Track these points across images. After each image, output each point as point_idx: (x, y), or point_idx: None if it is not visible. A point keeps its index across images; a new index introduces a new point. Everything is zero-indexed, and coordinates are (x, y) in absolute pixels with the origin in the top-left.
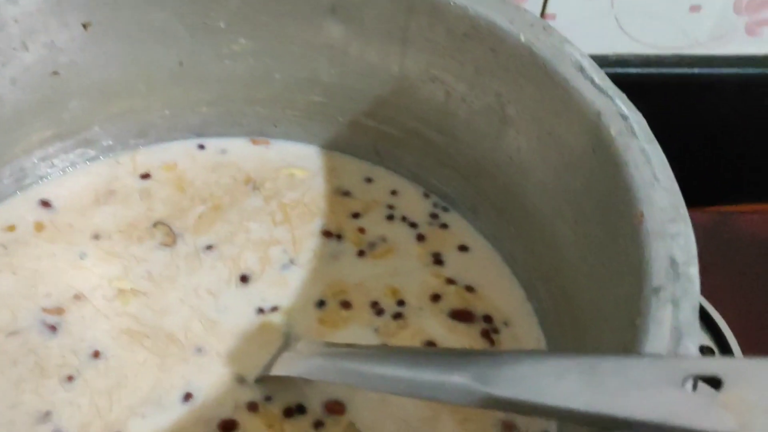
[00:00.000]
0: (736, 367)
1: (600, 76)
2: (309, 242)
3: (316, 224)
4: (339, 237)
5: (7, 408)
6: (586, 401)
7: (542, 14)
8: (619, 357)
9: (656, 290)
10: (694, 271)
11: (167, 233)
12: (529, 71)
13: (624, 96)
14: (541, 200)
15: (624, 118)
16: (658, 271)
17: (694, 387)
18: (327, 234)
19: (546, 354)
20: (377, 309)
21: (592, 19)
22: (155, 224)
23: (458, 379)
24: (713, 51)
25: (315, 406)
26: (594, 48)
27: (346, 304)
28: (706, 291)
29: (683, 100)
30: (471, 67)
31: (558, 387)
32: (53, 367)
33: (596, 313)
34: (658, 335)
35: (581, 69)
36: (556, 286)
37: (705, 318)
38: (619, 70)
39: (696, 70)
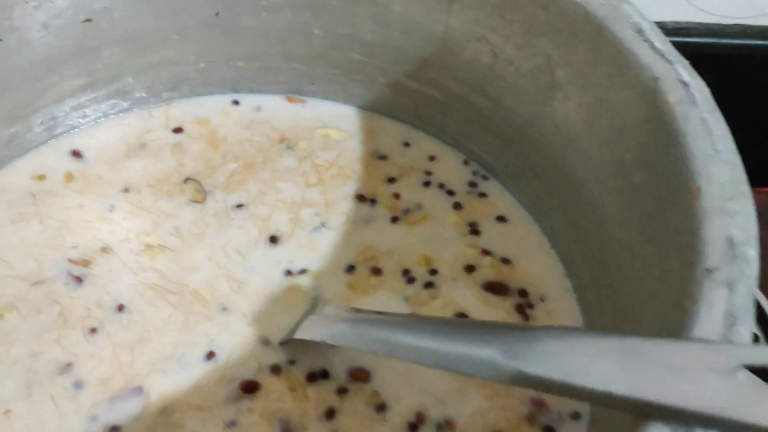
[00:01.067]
0: None
1: (660, 40)
2: (341, 205)
3: (350, 187)
4: (373, 201)
5: (28, 357)
6: (626, 385)
7: None
8: (664, 340)
9: (710, 271)
10: (753, 253)
11: (197, 189)
12: (582, 32)
13: (686, 62)
14: (588, 171)
15: (684, 85)
16: (714, 251)
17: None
18: (360, 198)
19: (583, 332)
20: (408, 277)
21: None
22: (186, 180)
23: (487, 352)
24: None
25: (339, 373)
26: (651, 15)
27: (376, 270)
28: None
29: (745, 74)
30: (520, 26)
31: (595, 368)
32: (77, 318)
33: (639, 293)
34: (709, 320)
35: (640, 31)
36: (597, 261)
37: None
38: (677, 38)
39: (760, 42)
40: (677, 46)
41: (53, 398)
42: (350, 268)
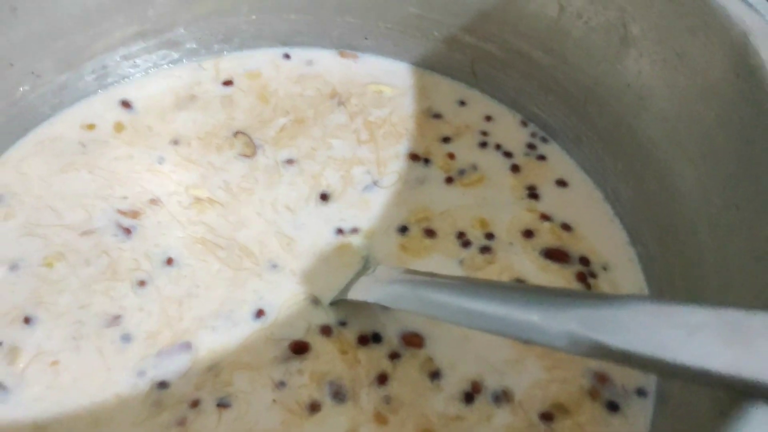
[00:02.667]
0: None
1: None
2: (394, 164)
3: (403, 146)
4: (426, 161)
5: (77, 308)
6: (729, 362)
7: None
8: None
9: None
10: None
11: (247, 143)
12: None
13: None
14: (660, 133)
15: None
16: None
17: None
18: (414, 157)
19: (674, 303)
20: (464, 240)
21: None
22: (235, 134)
23: (562, 322)
24: None
25: (391, 337)
26: None
27: (430, 232)
28: None
29: None
30: None
31: (690, 343)
32: (125, 270)
33: (721, 264)
34: None
35: None
36: (668, 230)
37: None
38: None
39: None
40: None
41: (101, 351)
42: (403, 229)
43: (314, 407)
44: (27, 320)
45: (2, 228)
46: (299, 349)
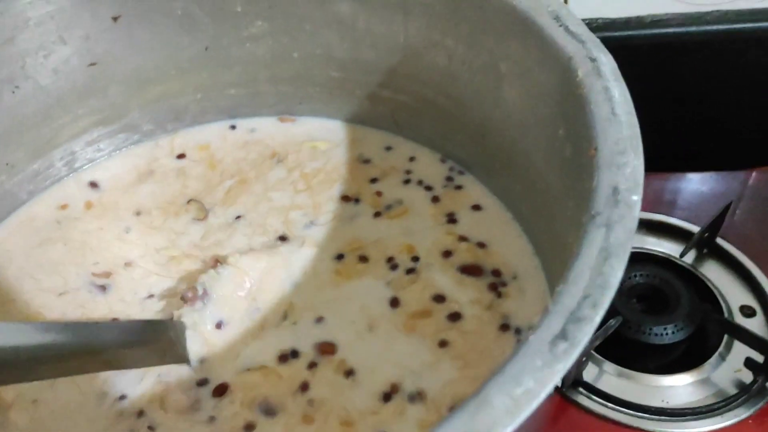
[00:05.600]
0: None
1: (575, 23)
2: (328, 206)
3: (336, 190)
4: (357, 200)
5: None
6: None
7: None
8: None
9: (593, 216)
10: (635, 198)
11: (199, 208)
12: (512, 25)
13: (597, 41)
14: (537, 154)
15: (592, 60)
16: (599, 199)
17: None
18: (346, 198)
19: None
20: (392, 264)
21: None
22: (189, 201)
23: None
24: (758, 4)
25: (308, 350)
26: (627, 11)
27: (363, 258)
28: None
29: (729, 57)
30: (466, 27)
31: None
32: (99, 318)
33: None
34: (586, 257)
35: (557, 18)
36: (554, 235)
37: (748, 278)
38: (657, 31)
39: (741, 26)
40: (658, 38)
41: (77, 384)
42: (339, 257)
43: (249, 427)
44: None
45: None
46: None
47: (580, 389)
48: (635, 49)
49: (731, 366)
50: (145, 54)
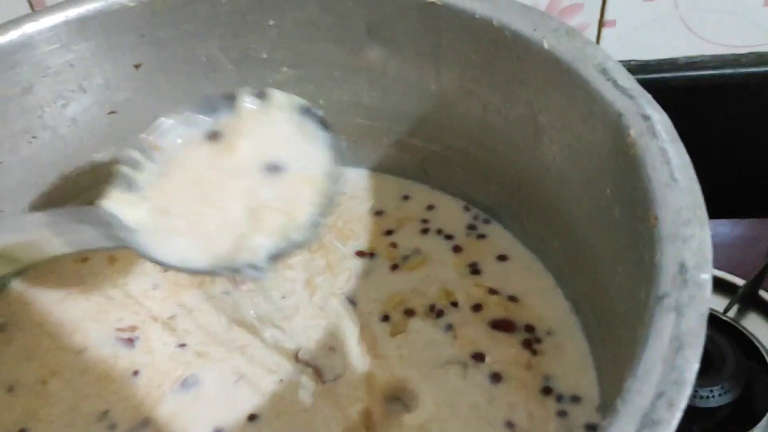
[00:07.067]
0: None
1: (623, 77)
2: (344, 264)
3: (350, 247)
4: (372, 255)
5: (69, 411)
6: None
7: (600, 22)
8: None
9: (660, 298)
10: (705, 277)
11: (228, 280)
12: (554, 77)
13: (649, 96)
14: (579, 210)
15: (645, 118)
16: (665, 277)
17: None
18: (360, 254)
19: None
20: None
21: (656, 23)
22: None
23: None
24: None
25: None
26: (661, 53)
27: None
28: None
29: (764, 100)
30: (502, 77)
31: None
32: (119, 371)
33: (626, 327)
34: (656, 346)
35: (604, 71)
36: (597, 300)
37: None
38: (692, 73)
39: None
40: (692, 80)
41: None
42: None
43: None
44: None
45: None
46: None
47: None
48: (669, 91)
49: None
50: (166, 101)
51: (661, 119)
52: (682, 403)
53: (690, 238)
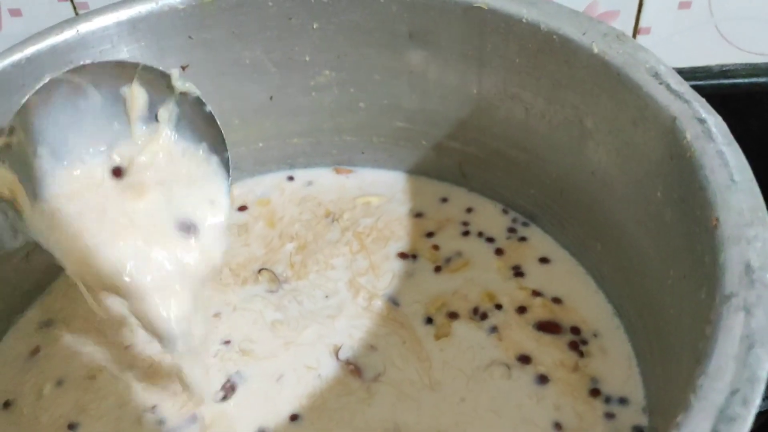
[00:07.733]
0: None
1: (676, 81)
2: (386, 265)
3: (391, 248)
4: (414, 257)
5: (117, 407)
6: None
7: (635, 29)
8: None
9: (727, 297)
10: None
11: (272, 279)
12: (603, 81)
13: (702, 100)
14: (625, 214)
15: (701, 121)
16: (731, 278)
17: None
18: (402, 255)
19: None
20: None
21: (691, 30)
22: (260, 270)
23: None
24: None
25: None
26: (695, 60)
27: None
28: None
29: None
30: (547, 81)
31: None
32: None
33: (679, 328)
34: (727, 344)
35: (656, 75)
36: (643, 303)
37: None
38: (725, 81)
39: None
40: (725, 88)
41: None
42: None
43: None
44: (71, 426)
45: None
46: None
47: None
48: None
49: None
50: (210, 102)
51: (716, 122)
52: (757, 400)
53: (754, 239)
